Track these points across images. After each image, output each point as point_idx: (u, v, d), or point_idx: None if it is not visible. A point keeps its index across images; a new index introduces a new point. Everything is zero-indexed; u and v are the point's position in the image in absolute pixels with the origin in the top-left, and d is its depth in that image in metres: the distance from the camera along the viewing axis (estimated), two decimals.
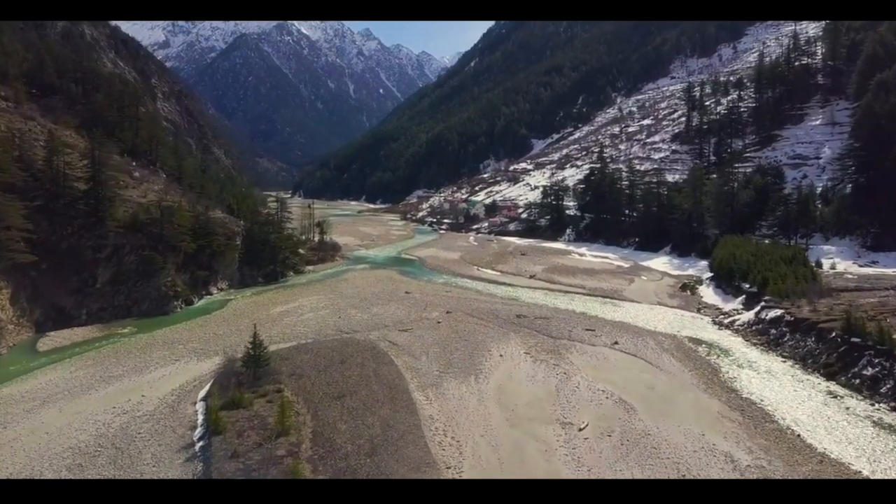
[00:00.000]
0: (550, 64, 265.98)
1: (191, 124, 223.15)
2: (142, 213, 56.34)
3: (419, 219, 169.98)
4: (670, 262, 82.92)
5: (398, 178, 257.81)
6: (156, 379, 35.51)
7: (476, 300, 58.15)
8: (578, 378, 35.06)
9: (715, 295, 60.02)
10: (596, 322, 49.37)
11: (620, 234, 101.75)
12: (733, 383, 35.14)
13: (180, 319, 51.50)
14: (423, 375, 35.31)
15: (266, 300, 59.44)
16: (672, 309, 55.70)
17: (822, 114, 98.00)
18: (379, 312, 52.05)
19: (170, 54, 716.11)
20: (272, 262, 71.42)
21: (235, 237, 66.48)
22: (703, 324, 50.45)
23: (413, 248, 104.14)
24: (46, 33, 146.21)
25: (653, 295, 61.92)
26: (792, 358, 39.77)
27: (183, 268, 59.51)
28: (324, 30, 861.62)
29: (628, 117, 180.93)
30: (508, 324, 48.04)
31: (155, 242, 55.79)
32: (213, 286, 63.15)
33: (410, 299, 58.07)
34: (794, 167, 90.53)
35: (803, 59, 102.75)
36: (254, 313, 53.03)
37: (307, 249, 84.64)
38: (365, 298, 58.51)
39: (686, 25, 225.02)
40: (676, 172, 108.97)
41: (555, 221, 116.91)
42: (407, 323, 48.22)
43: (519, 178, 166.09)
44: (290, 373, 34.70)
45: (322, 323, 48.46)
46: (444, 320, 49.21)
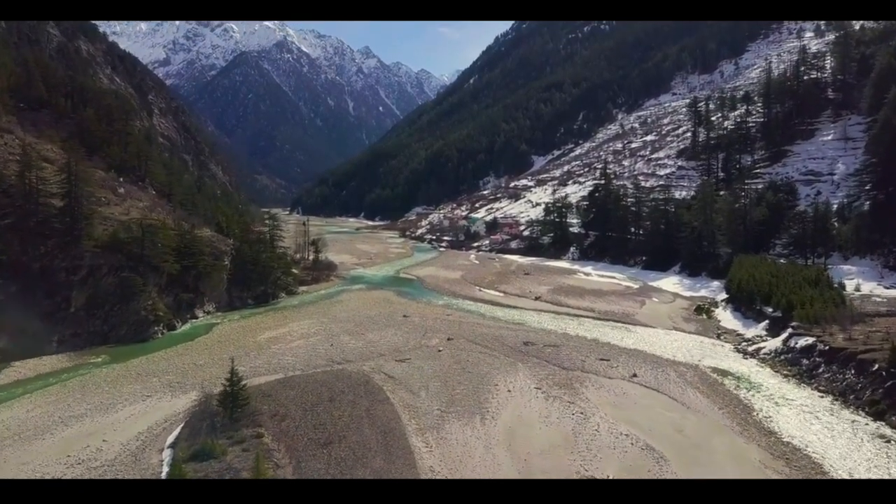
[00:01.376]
0: (550, 80, 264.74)
1: (188, 140, 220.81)
2: (122, 232, 52.67)
3: (418, 236, 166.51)
4: (681, 283, 79.32)
5: (397, 194, 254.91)
6: (122, 419, 31.58)
7: (479, 325, 54.32)
8: (597, 419, 31.19)
9: (734, 319, 56.29)
10: (610, 350, 45.55)
11: (626, 253, 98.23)
12: (770, 424, 31.30)
13: (160, 347, 47.62)
14: (422, 416, 31.42)
15: (254, 324, 55.57)
16: (689, 334, 51.92)
17: (833, 129, 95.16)
18: (374, 339, 48.18)
19: (170, 72, 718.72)
20: (263, 282, 67.68)
21: (223, 257, 62.80)
22: (725, 351, 46.66)
23: (412, 267, 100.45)
24: (42, 48, 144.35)
25: (667, 318, 58.16)
26: (830, 393, 35.93)
27: (166, 290, 55.80)
28: (323, 48, 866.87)
29: (630, 133, 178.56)
30: (515, 352, 44.20)
31: (135, 263, 52.10)
32: (198, 309, 59.32)
33: (409, 324, 54.25)
34: (807, 183, 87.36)
35: (812, 73, 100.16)
36: (240, 340, 49.18)
37: (301, 269, 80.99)
38: (360, 323, 54.66)
39: (686, 41, 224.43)
40: (683, 189, 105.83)
41: (558, 239, 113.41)
42: (404, 351, 44.37)
43: (520, 195, 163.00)
44: (273, 413, 30.81)
45: (312, 351, 44.57)
46: (445, 348, 45.38)
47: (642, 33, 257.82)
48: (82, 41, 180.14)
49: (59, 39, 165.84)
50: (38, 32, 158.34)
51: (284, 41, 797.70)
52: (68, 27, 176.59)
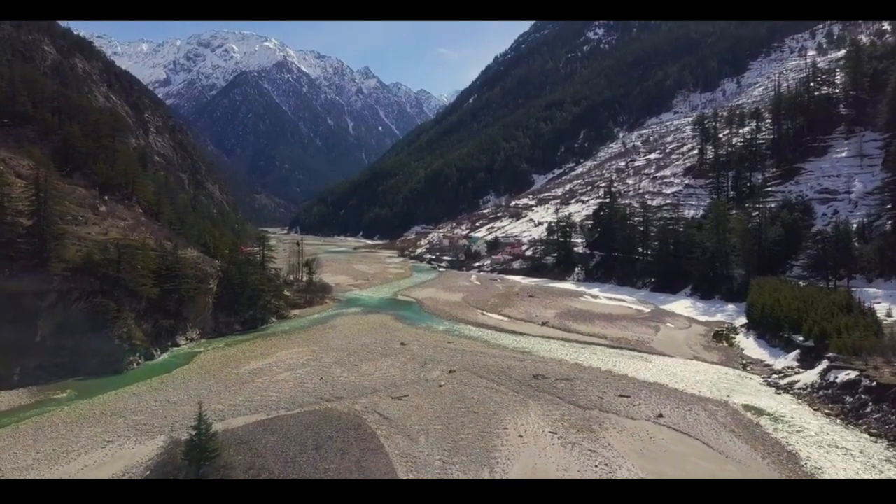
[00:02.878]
0: (550, 99, 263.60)
1: (184, 159, 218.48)
2: (97, 253, 48.67)
3: (417, 256, 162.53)
4: (694, 306, 75.13)
5: (396, 213, 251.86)
6: (73, 472, 27.22)
7: (483, 354, 50.00)
8: (624, 471, 26.85)
9: (758, 347, 52.02)
10: (629, 384, 41.25)
11: (634, 274, 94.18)
12: (825, 476, 26.97)
13: (134, 379, 43.31)
14: (421, 468, 27.06)
15: (239, 353, 51.24)
16: (712, 365, 47.63)
17: (847, 145, 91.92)
18: (368, 371, 43.86)
19: (171, 91, 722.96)
20: (252, 306, 63.45)
21: (209, 279, 58.75)
22: (755, 385, 42.36)
23: (410, 289, 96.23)
24: (36, 66, 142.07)
25: (685, 346, 53.91)
26: (884, 437, 31.58)
27: (145, 316, 51.63)
28: (323, 68, 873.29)
29: (633, 151, 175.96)
30: (525, 387, 39.88)
31: (111, 287, 48.02)
32: (181, 336, 55.08)
33: (406, 353, 49.96)
34: (823, 202, 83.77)
35: (823, 88, 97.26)
36: (221, 371, 44.84)
37: (293, 291, 76.76)
38: (353, 352, 50.37)
39: (687, 60, 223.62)
40: (692, 208, 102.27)
41: (562, 259, 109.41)
42: (402, 386, 40.04)
43: (521, 214, 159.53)
44: (248, 466, 26.45)
45: (299, 386, 40.24)
46: (446, 382, 41.06)
47: (642, 52, 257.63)
48: (78, 59, 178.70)
49: (54, 57, 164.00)
50: (33, 49, 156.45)
51: (284, 61, 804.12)
52: (64, 45, 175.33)
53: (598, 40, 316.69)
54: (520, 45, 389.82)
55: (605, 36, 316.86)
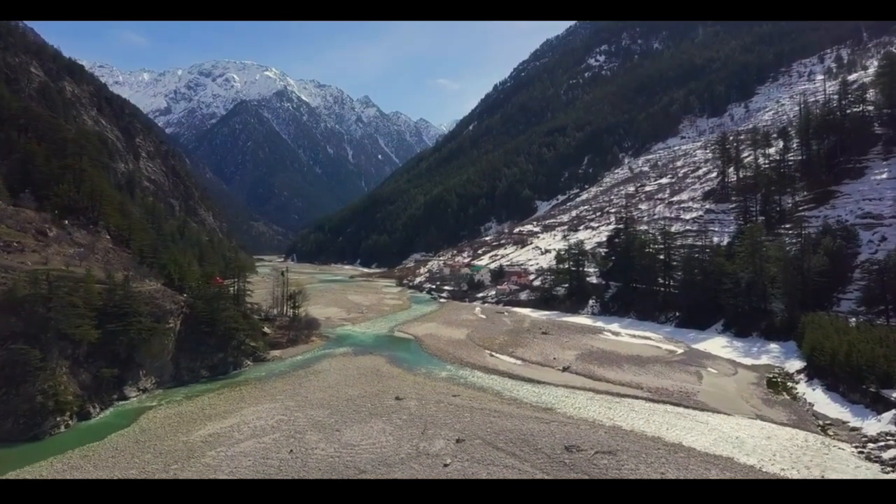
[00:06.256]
0: (552, 125, 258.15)
1: (176, 185, 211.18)
2: (24, 287, 39.74)
3: (417, 285, 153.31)
4: (731, 345, 65.92)
5: (395, 241, 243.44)
6: None
7: (498, 413, 40.43)
8: None
9: (832, 402, 42.58)
10: (689, 458, 31.82)
11: (656, 307, 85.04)
12: None
13: (53, 449, 33.93)
14: None
15: (198, 410, 41.75)
16: (782, 427, 38.18)
17: (887, 166, 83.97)
18: (352, 440, 34.32)
19: (171, 120, 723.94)
20: (222, 348, 54.14)
21: (169, 317, 49.61)
22: (847, 457, 32.95)
23: (409, 323, 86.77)
24: (21, 88, 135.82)
25: (740, 399, 44.52)
26: None
27: (85, 363, 42.40)
28: (323, 97, 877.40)
29: (643, 176, 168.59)
30: (557, 465, 30.41)
31: (37, 329, 38.93)
32: (130, 387, 45.67)
33: (402, 412, 40.47)
34: (867, 227, 75.20)
35: (855, 106, 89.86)
36: (167, 438, 35.38)
37: (275, 328, 67.48)
38: (336, 410, 40.89)
39: (693, 84, 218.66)
40: (715, 234, 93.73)
41: (574, 290, 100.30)
42: (394, 465, 30.56)
43: (526, 241, 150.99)
44: None
45: (260, 463, 30.76)
46: (453, 458, 31.61)
47: (645, 78, 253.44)
48: (67, 82, 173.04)
49: (41, 79, 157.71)
50: (19, 72, 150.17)
51: (284, 90, 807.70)
52: (53, 68, 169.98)
53: (599, 67, 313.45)
54: (519, 73, 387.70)
55: (607, 63, 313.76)
